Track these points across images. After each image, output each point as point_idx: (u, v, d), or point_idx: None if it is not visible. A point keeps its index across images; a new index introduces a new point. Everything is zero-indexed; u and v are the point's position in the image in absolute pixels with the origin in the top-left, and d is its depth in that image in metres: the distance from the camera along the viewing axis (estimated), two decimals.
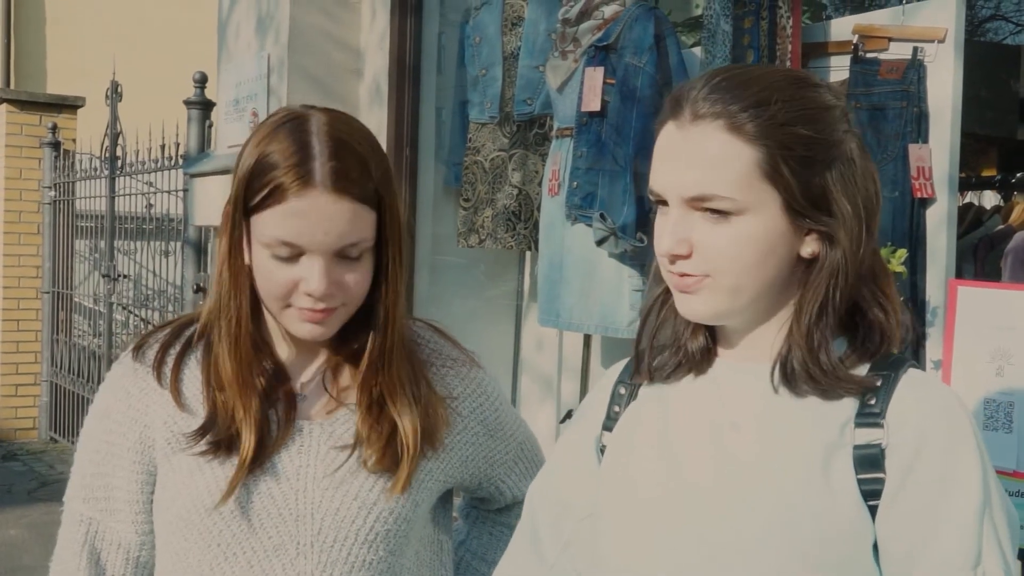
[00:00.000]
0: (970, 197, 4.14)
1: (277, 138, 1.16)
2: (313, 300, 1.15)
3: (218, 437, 1.18)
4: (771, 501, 0.97)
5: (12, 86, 9.97)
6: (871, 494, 0.95)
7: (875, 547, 0.96)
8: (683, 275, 1.00)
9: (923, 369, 1.03)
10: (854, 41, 2.80)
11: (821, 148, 0.97)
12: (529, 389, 4.07)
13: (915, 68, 2.63)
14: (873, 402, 0.97)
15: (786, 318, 1.03)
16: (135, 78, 6.66)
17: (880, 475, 0.95)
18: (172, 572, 1.22)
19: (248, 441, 1.17)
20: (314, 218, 1.12)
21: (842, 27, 2.92)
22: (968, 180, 3.79)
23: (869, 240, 1.00)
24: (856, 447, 0.96)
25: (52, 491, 5.50)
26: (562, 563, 1.13)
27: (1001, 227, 3.49)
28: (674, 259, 1.00)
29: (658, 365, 1.10)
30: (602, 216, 3.06)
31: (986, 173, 4.26)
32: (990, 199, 4.24)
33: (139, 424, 1.24)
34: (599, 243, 3.10)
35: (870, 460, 0.95)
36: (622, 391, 1.16)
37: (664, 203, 1.01)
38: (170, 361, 1.25)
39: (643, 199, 3.06)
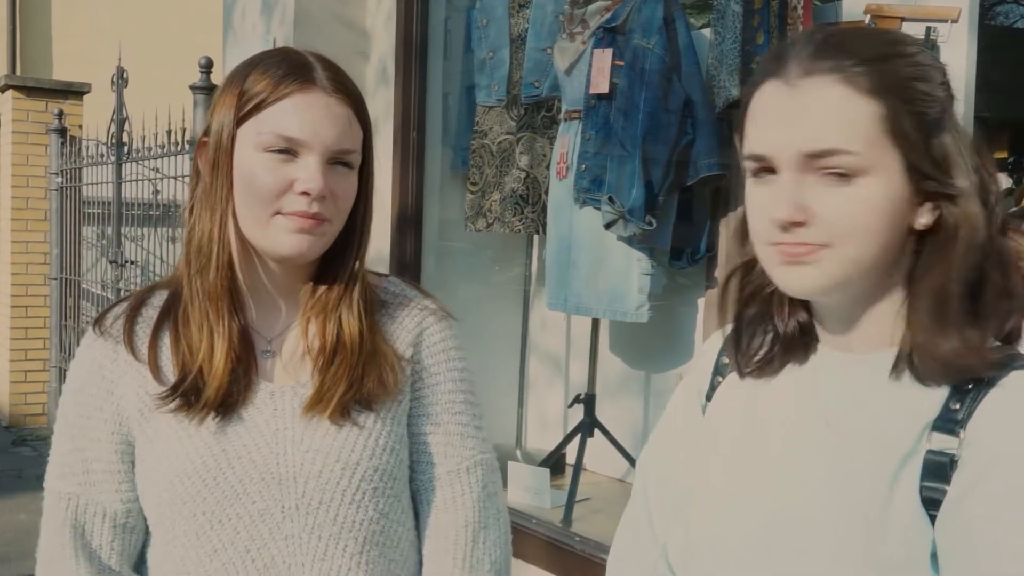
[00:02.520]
0: None
1: (268, 59, 1.20)
2: (307, 201, 1.15)
3: (186, 390, 1.17)
4: (830, 511, 0.93)
5: (18, 72, 9.96)
6: (932, 503, 0.88)
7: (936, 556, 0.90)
8: (801, 244, 0.91)
9: None
10: (866, 21, 2.76)
11: (938, 108, 0.92)
12: (537, 373, 4.06)
13: (928, 48, 2.60)
14: (957, 407, 0.89)
15: (899, 300, 0.94)
16: (141, 64, 6.65)
17: (943, 486, 0.87)
18: (163, 543, 1.22)
19: (212, 388, 1.17)
20: (316, 114, 1.15)
21: (854, 6, 2.88)
22: None
23: (992, 212, 0.92)
24: (929, 451, 0.89)
25: None
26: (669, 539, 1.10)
27: (1013, 209, 3.47)
28: (789, 227, 0.90)
29: (749, 354, 1.04)
30: (610, 199, 3.04)
31: (998, 156, 4.23)
32: (1002, 181, 4.21)
33: (114, 396, 1.22)
34: (607, 226, 3.08)
35: (936, 469, 0.88)
36: (725, 360, 1.10)
37: (765, 171, 0.93)
38: (142, 332, 1.24)
39: (651, 182, 3.04)
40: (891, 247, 0.92)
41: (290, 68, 1.17)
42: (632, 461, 3.45)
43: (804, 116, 0.90)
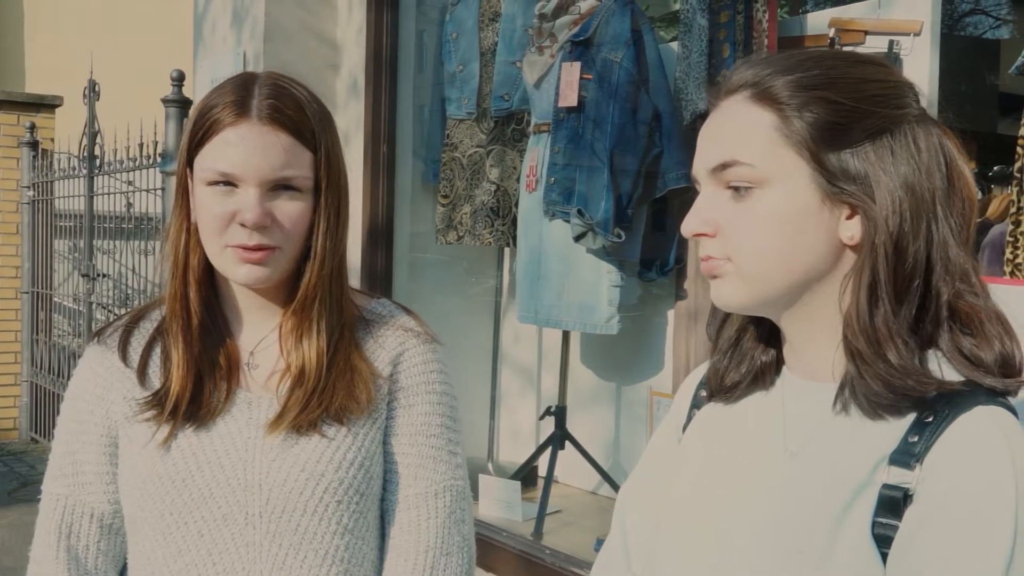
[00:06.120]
0: None
1: (221, 88, 1.22)
2: (248, 233, 1.17)
3: (161, 399, 1.22)
4: (773, 534, 0.90)
5: None
6: (884, 540, 0.85)
7: None
8: (707, 257, 0.93)
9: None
10: (830, 35, 2.79)
11: (858, 118, 0.88)
12: (509, 385, 4.06)
13: (891, 62, 2.63)
14: (916, 439, 0.85)
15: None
16: (113, 76, 6.62)
17: (896, 522, 0.84)
18: (136, 541, 1.26)
19: (182, 397, 1.22)
20: (248, 146, 1.17)
21: (819, 20, 2.92)
22: None
23: (923, 232, 0.88)
24: (884, 485, 0.85)
25: (33, 491, 5.45)
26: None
27: (978, 220, 3.50)
28: (699, 241, 0.93)
29: (729, 384, 1.03)
30: (580, 212, 3.05)
31: None
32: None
33: (105, 401, 1.28)
34: (577, 239, 3.09)
35: (891, 504, 0.84)
36: (703, 394, 1.09)
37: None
38: (136, 343, 1.30)
39: (620, 195, 3.06)
40: (811, 263, 0.90)
41: (229, 100, 1.19)
42: (603, 473, 3.46)
43: (715, 135, 0.93)
